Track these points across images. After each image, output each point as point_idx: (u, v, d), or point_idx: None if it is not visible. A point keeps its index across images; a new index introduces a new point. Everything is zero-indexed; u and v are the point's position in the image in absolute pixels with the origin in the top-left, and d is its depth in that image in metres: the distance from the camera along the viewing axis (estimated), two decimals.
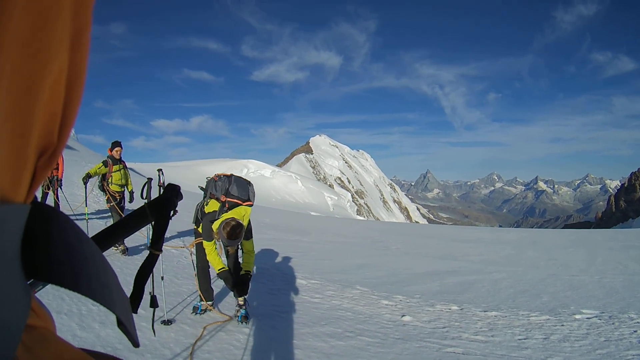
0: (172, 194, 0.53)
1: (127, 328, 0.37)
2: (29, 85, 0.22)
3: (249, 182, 2.89)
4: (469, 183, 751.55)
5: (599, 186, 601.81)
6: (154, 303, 1.15)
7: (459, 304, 4.24)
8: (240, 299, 2.93)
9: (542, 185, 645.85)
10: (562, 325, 3.64)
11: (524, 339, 3.23)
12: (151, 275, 0.65)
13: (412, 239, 11.85)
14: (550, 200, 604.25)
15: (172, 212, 0.54)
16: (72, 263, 0.30)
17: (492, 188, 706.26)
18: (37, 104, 0.23)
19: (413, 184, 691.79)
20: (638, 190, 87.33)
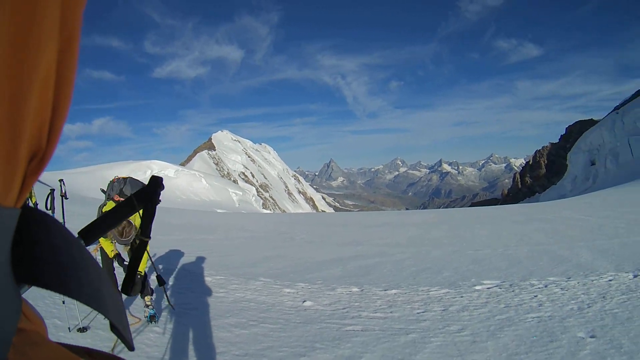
0: (155, 184, 0.89)
1: (120, 331, 0.56)
2: (18, 91, 0.34)
3: (144, 183, 3.90)
4: (373, 169, 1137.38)
5: (504, 165, 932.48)
6: (160, 282, 1.99)
7: (359, 285, 6.19)
8: (147, 299, 4.52)
9: (446, 167, 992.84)
10: (462, 297, 5.47)
11: (423, 312, 4.84)
12: (151, 260, 1.90)
13: (317, 228, 17.09)
14: (455, 181, 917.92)
15: (157, 201, 0.91)
16: (63, 267, 0.45)
17: (397, 173, 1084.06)
18: (26, 109, 0.35)
19: (317, 173, 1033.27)
20: (543, 166, 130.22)
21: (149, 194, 0.89)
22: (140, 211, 0.90)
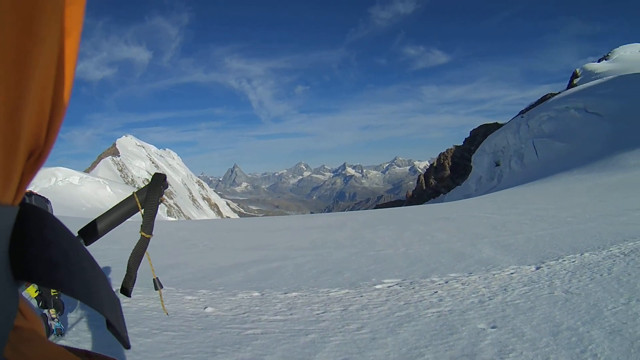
0: (158, 182, 1.01)
1: (116, 329, 0.61)
2: (17, 88, 0.37)
3: (47, 199, 4.13)
4: (277, 174, 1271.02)
5: (408, 167, 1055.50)
6: (157, 286, 1.41)
7: (260, 290, 6.73)
8: (52, 311, 4.59)
9: (350, 170, 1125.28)
10: (361, 296, 5.90)
11: (322, 312, 5.31)
12: (149, 260, 1.19)
13: (220, 234, 18.40)
14: (359, 184, 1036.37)
15: (159, 199, 1.02)
16: (60, 264, 0.49)
17: (301, 177, 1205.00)
18: (25, 107, 0.39)
19: (221, 179, 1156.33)
20: (447, 168, 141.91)
21: (151, 191, 0.99)
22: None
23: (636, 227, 9.35)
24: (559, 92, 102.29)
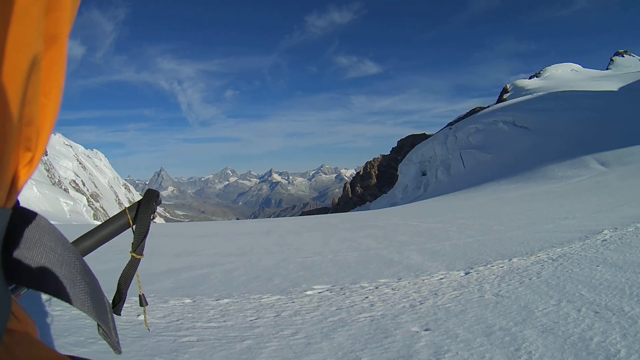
0: (151, 198, 1.02)
1: (107, 334, 0.68)
2: (6, 92, 0.39)
3: None
4: (203, 179, 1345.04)
5: (334, 175, 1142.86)
6: (142, 302, 1.54)
7: (192, 296, 6.83)
8: None
9: (276, 177, 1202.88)
10: (293, 302, 6.04)
11: (256, 319, 5.43)
12: (137, 277, 1.14)
13: (148, 239, 16.19)
14: (285, 191, 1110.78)
15: (151, 217, 1.03)
16: (53, 268, 0.52)
17: (227, 182, 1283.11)
18: (15, 112, 0.41)
19: (147, 182, 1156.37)
20: (373, 177, 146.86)
21: (143, 208, 0.98)
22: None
23: (563, 235, 10.02)
24: (488, 106, 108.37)
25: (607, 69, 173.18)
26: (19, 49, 0.39)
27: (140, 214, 0.99)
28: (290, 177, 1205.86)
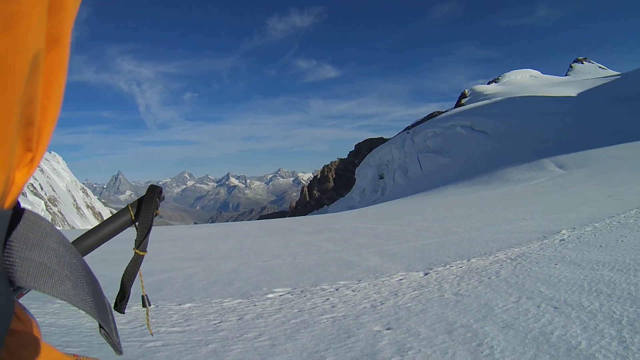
0: (154, 194, 1.01)
1: (108, 334, 0.68)
2: (7, 92, 0.40)
3: None
4: (160, 182, 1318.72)
5: (292, 179, 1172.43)
6: (145, 303, 1.37)
7: (154, 301, 6.94)
8: None
9: (234, 180, 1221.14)
10: (255, 305, 6.13)
11: (219, 322, 5.54)
12: (140, 276, 1.12)
13: (107, 245, 16.86)
14: (243, 195, 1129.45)
15: (154, 213, 1.02)
16: (54, 269, 0.52)
17: (184, 186, 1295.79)
18: (16, 112, 0.41)
19: (105, 186, 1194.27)
20: (331, 180, 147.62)
21: (146, 204, 0.99)
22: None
23: (521, 235, 10.35)
24: (447, 111, 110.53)
25: (566, 75, 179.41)
26: (21, 50, 0.40)
27: (142, 211, 1.00)
28: (248, 181, 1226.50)
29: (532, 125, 63.07)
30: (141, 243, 1.02)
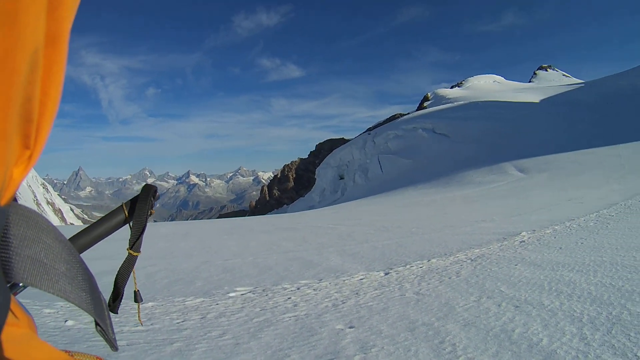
0: (148, 193, 0.99)
1: (104, 331, 0.69)
2: (6, 89, 0.40)
3: None
4: (121, 179, 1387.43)
5: (252, 177, 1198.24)
6: (137, 298, 1.38)
7: None
8: None
9: (194, 179, 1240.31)
10: (217, 304, 6.16)
11: (182, 321, 5.59)
12: (133, 273, 1.08)
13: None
14: (203, 193, 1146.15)
15: (149, 212, 1.00)
16: (51, 265, 0.53)
17: (144, 184, 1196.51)
18: (14, 108, 0.42)
19: (66, 182, 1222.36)
20: (291, 180, 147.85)
21: (141, 203, 0.99)
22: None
23: (481, 236, 10.60)
24: (408, 113, 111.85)
25: (529, 81, 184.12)
26: (20, 47, 0.40)
27: (137, 210, 1.00)
28: (208, 179, 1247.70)
29: (493, 129, 64.42)
30: (135, 243, 1.01)
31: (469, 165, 46.61)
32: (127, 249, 1.00)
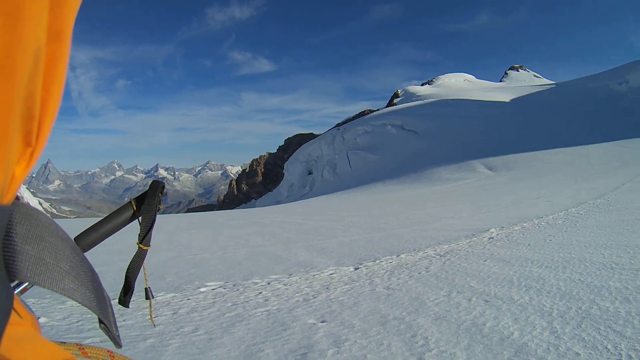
0: (157, 189, 1.05)
1: (108, 328, 0.72)
2: (8, 87, 0.40)
3: None
4: (89, 172, 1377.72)
5: (220, 172, 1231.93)
6: (148, 295, 1.51)
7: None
8: None
9: (162, 172, 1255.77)
10: (189, 300, 6.19)
11: (154, 317, 5.57)
12: (144, 269, 1.17)
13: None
14: (171, 187, 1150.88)
15: (157, 208, 1.06)
16: (54, 263, 0.54)
17: (113, 177, 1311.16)
18: (17, 104, 0.42)
19: (34, 175, 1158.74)
20: (259, 174, 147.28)
21: (150, 199, 1.04)
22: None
23: (450, 233, 10.80)
24: (378, 109, 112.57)
25: (500, 81, 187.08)
26: (22, 45, 0.40)
27: (146, 205, 1.04)
28: (177, 173, 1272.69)
29: (463, 127, 65.43)
30: (144, 237, 1.06)
31: (437, 162, 47.23)
32: (137, 243, 1.05)
